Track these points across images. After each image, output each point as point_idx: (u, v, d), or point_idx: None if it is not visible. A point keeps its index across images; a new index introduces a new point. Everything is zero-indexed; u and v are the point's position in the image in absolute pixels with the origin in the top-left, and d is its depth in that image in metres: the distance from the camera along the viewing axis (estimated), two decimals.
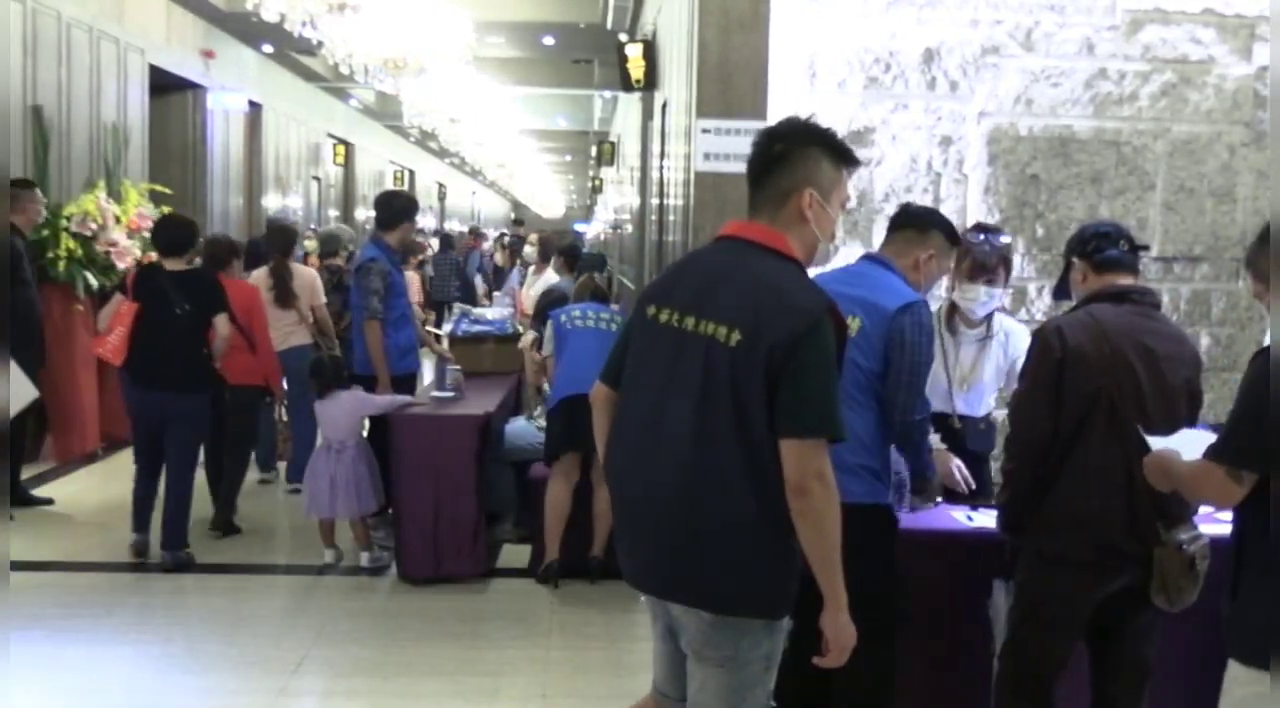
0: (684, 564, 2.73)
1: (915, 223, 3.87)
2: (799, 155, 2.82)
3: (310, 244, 10.62)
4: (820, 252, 2.93)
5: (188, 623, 5.57)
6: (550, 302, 7.41)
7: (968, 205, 5.65)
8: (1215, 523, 3.53)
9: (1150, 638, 3.55)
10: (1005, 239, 4.48)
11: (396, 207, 6.93)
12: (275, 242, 8.12)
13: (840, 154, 2.85)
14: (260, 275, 7.87)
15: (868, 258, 3.89)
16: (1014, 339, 4.55)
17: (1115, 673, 3.59)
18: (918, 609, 3.79)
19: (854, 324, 3.48)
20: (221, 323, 6.26)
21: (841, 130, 5.62)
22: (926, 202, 5.63)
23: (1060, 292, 3.78)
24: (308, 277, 8.17)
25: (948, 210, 5.63)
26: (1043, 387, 3.42)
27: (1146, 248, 3.81)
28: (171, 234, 6.49)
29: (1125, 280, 3.56)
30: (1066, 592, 3.42)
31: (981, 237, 4.42)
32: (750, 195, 2.86)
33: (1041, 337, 3.50)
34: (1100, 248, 3.58)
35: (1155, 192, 5.69)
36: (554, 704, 4.63)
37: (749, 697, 2.80)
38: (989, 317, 4.54)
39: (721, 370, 2.66)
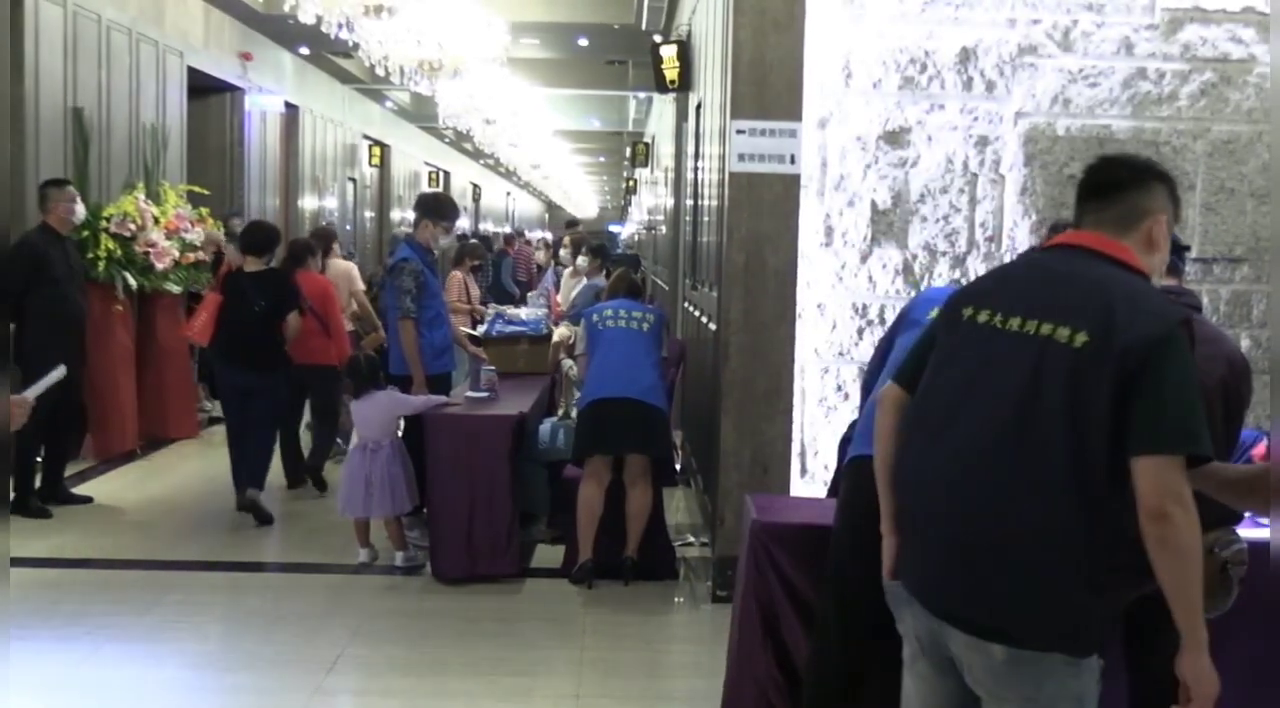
0: (979, 587, 2.48)
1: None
2: (1153, 184, 2.73)
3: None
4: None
5: (224, 621, 5.61)
6: (588, 301, 7.43)
7: (1004, 206, 5.61)
8: (1255, 527, 3.48)
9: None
10: None
11: (419, 205, 7.13)
12: (319, 242, 9.01)
13: (1177, 202, 2.75)
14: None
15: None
16: None
17: (1151, 680, 3.55)
18: None
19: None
20: (292, 319, 7.33)
21: (876, 131, 5.62)
22: (962, 203, 5.60)
23: None
24: (342, 268, 8.99)
25: (984, 211, 5.61)
26: None
27: (1188, 249, 3.77)
28: (254, 237, 7.55)
29: (1166, 282, 3.53)
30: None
31: None
32: (1088, 210, 2.73)
33: None
34: None
35: (1195, 192, 5.63)
36: (587, 705, 4.63)
37: None
38: None
39: (1057, 374, 2.43)
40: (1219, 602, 3.31)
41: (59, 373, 3.65)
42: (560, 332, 7.62)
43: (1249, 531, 3.42)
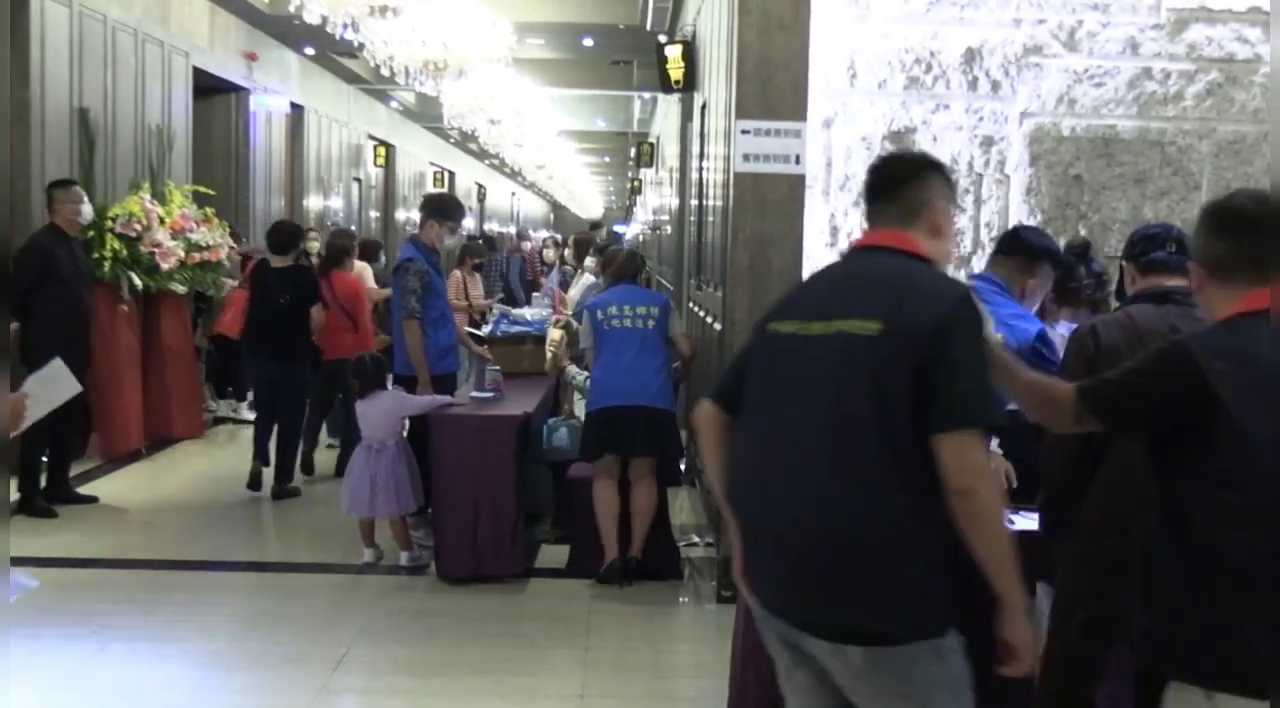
0: (826, 591, 2.49)
1: (1025, 251, 3.98)
2: (928, 174, 2.80)
3: (314, 244, 10.91)
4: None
5: (230, 620, 5.62)
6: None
7: (1009, 206, 5.61)
8: None
9: None
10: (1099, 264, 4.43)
11: (424, 205, 7.16)
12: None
13: (953, 187, 2.84)
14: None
15: (984, 279, 4.00)
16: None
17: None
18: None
19: (998, 339, 3.54)
20: (316, 312, 7.89)
21: (881, 131, 5.62)
22: (967, 202, 5.60)
23: (1120, 295, 3.77)
24: (358, 269, 9.31)
25: (989, 211, 5.61)
26: None
27: None
28: (280, 236, 8.18)
29: (1171, 281, 3.52)
30: (1101, 594, 3.39)
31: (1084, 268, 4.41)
32: (875, 210, 2.79)
33: (1077, 337, 3.50)
34: (1146, 250, 3.57)
35: (1200, 192, 5.62)
36: (592, 705, 4.63)
37: None
38: None
39: (860, 366, 2.48)
40: None
41: (55, 365, 3.66)
42: (553, 334, 7.60)
43: None
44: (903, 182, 2.76)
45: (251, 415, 10.69)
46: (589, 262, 9.87)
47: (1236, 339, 2.52)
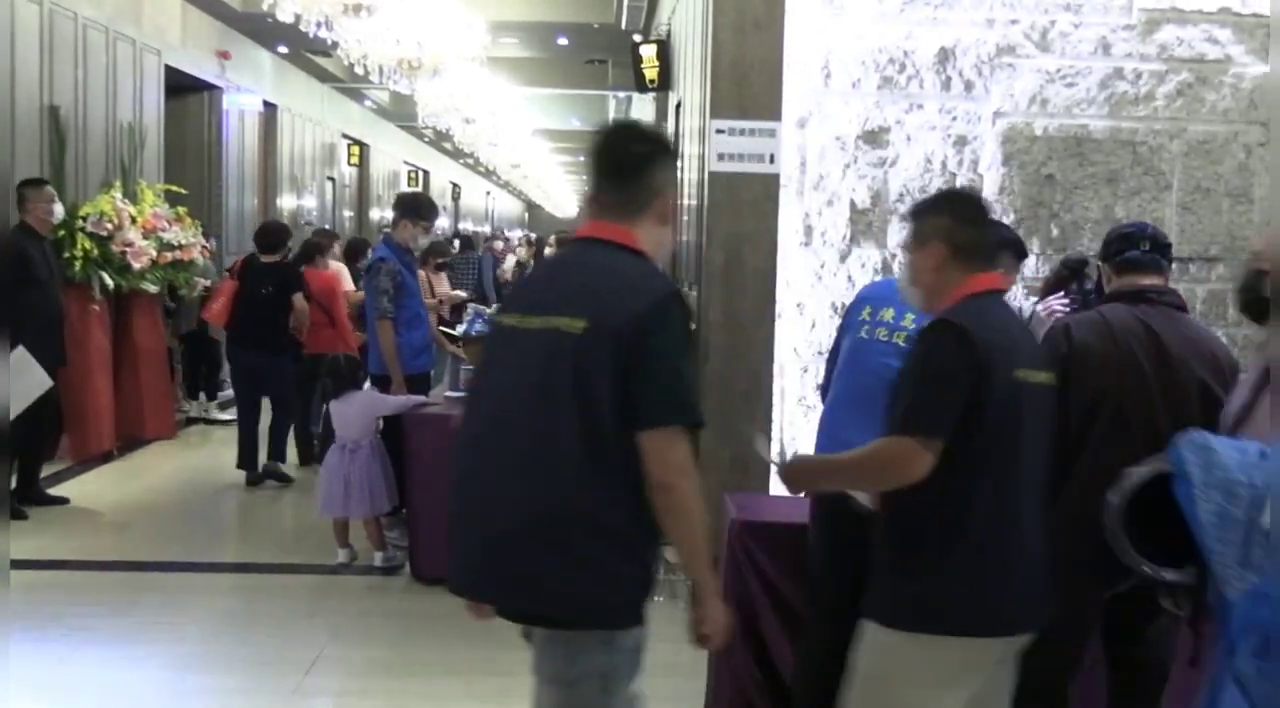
0: (516, 573, 2.59)
1: None
2: (662, 159, 2.81)
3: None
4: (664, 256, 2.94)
5: (202, 622, 5.59)
6: None
7: None
8: None
9: (1165, 641, 3.53)
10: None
11: (398, 205, 7.14)
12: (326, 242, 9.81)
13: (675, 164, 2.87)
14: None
15: None
16: None
17: (1130, 675, 3.58)
18: None
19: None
20: (297, 300, 8.29)
21: (856, 130, 5.63)
22: None
23: (1098, 295, 3.80)
24: (334, 269, 9.47)
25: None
26: None
27: (1170, 247, 3.78)
28: (268, 235, 8.69)
29: (1147, 281, 3.55)
30: (1073, 591, 3.40)
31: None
32: (601, 193, 2.78)
33: (1051, 336, 3.51)
34: (1121, 250, 3.59)
35: (1171, 192, 5.66)
36: None
37: None
38: None
39: (566, 361, 2.54)
40: (1184, 604, 3.33)
41: (19, 355, 3.63)
42: None
43: None
44: (636, 170, 2.76)
45: (224, 416, 10.68)
46: None
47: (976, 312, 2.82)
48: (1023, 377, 2.76)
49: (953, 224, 2.92)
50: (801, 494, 3.29)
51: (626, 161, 2.76)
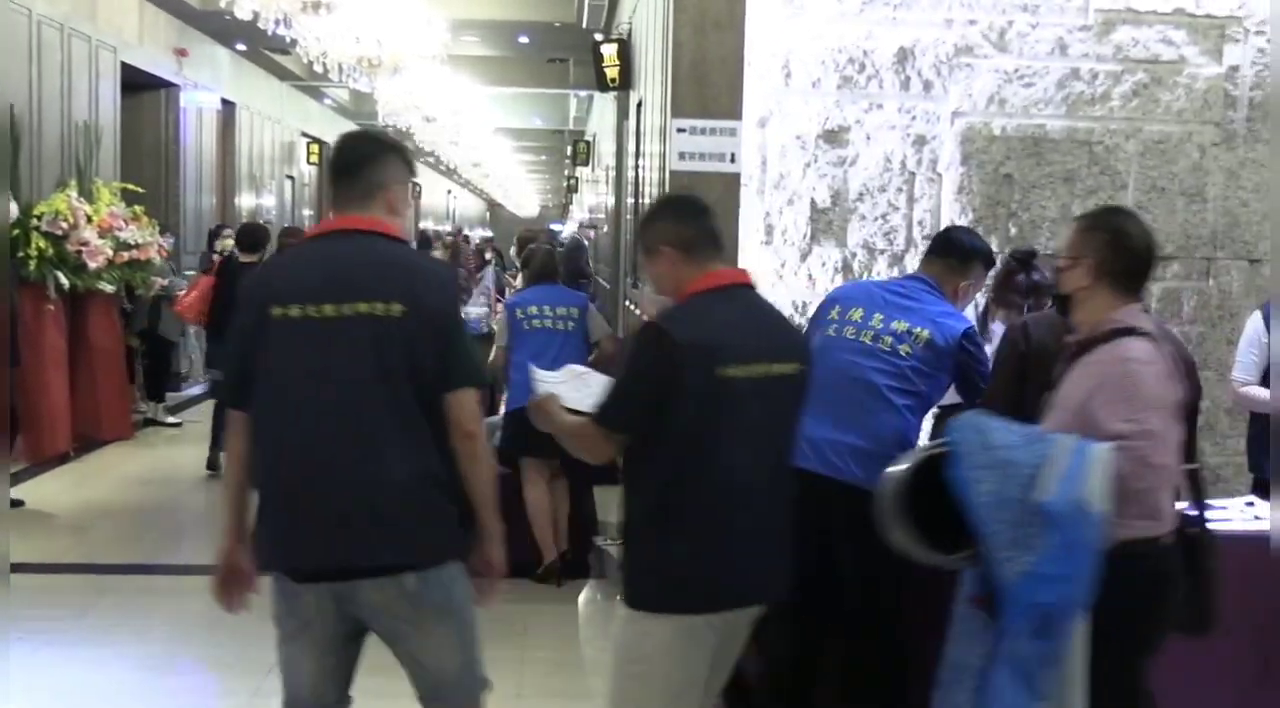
0: (378, 534, 2.90)
1: (957, 253, 4.05)
2: (387, 156, 3.13)
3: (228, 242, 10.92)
4: None
5: (163, 624, 5.54)
6: None
7: (941, 205, 5.67)
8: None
9: None
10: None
11: None
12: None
13: (412, 168, 3.22)
14: None
15: (916, 279, 4.08)
16: None
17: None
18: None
19: (924, 334, 3.79)
20: None
21: (816, 130, 5.66)
22: (900, 201, 5.65)
23: (1056, 294, 3.84)
24: None
25: (921, 210, 5.67)
26: (1007, 382, 3.47)
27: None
28: (249, 236, 8.97)
29: None
30: None
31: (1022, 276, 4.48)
32: (339, 191, 3.12)
33: (1009, 335, 3.56)
34: None
35: (1127, 191, 5.72)
36: (530, 703, 4.63)
37: (476, 647, 3.10)
38: None
39: (393, 343, 2.88)
40: None
41: None
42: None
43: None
44: (362, 166, 3.08)
45: (171, 418, 10.66)
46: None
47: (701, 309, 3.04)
48: (731, 373, 2.94)
49: (674, 225, 3.17)
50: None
51: (354, 160, 3.11)
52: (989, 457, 2.80)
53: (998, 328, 4.37)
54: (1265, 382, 4.43)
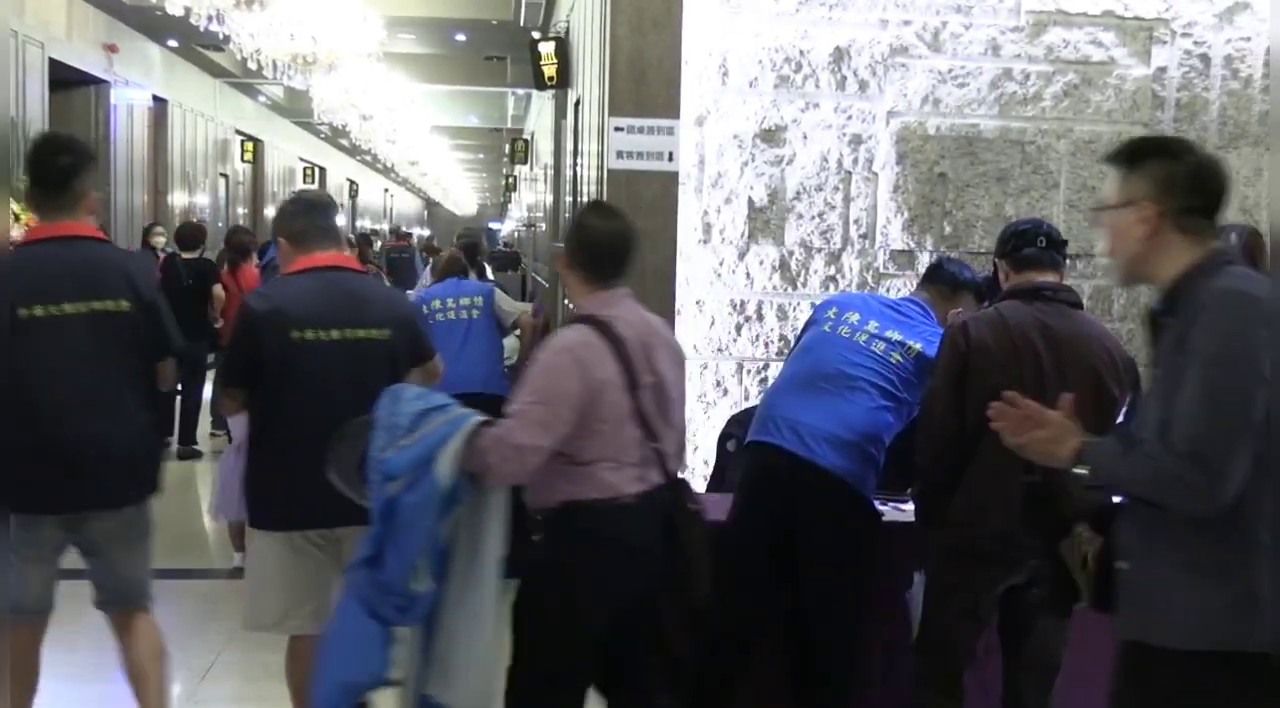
0: (130, 473, 3.83)
1: (948, 281, 4.20)
2: (86, 168, 3.87)
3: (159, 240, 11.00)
4: None
5: (92, 630, 5.42)
6: None
7: (877, 204, 5.72)
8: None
9: (1061, 635, 3.61)
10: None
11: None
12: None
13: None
14: None
15: (911, 301, 4.24)
16: None
17: (1024, 667, 3.66)
18: None
19: (915, 347, 3.96)
20: (216, 290, 9.22)
21: (753, 128, 5.68)
22: (837, 201, 5.69)
23: (994, 292, 3.88)
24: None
25: (858, 209, 5.71)
26: (948, 382, 3.50)
27: (1065, 243, 3.88)
28: (189, 234, 9.75)
29: (1043, 277, 3.63)
30: (970, 583, 3.48)
31: None
32: (45, 201, 3.77)
33: (949, 334, 3.59)
34: (1017, 246, 3.67)
35: (1059, 190, 5.80)
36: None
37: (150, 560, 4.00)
38: None
39: (123, 333, 3.67)
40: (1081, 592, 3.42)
41: None
42: None
43: None
44: (69, 175, 3.68)
45: None
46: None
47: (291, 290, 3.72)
48: (307, 336, 3.61)
49: (288, 220, 3.86)
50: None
51: (62, 171, 3.67)
52: (388, 418, 3.15)
53: None
54: None
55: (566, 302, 9.06)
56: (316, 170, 27.63)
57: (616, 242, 3.42)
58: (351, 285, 3.73)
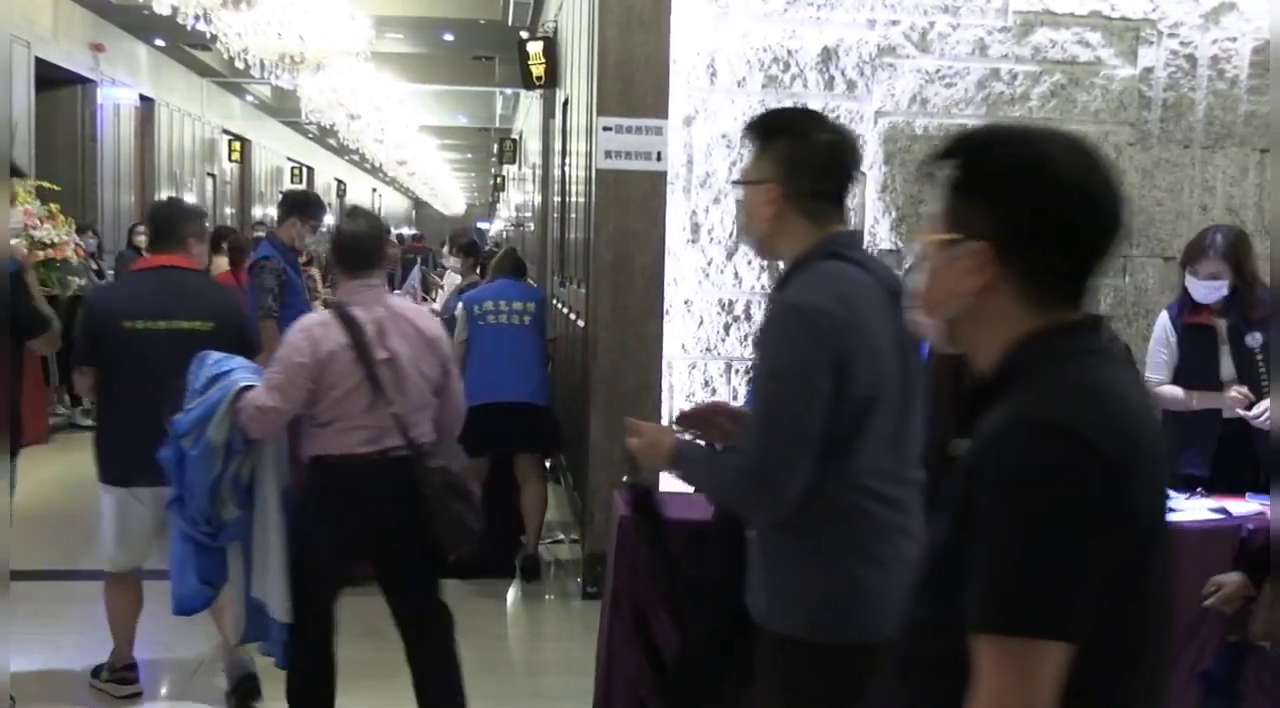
0: None
1: None
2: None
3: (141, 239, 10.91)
4: None
5: (81, 631, 5.43)
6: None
7: (865, 203, 5.73)
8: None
9: None
10: None
11: (284, 202, 6.98)
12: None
13: None
14: None
15: None
16: None
17: None
18: None
19: None
20: None
21: (741, 128, 5.68)
22: None
23: None
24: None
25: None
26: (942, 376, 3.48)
27: None
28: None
29: None
30: None
31: None
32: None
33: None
34: None
35: None
36: None
37: None
38: None
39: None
40: None
41: None
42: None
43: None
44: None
45: (87, 421, 10.54)
46: (452, 260, 9.76)
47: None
48: (137, 326, 4.27)
49: (146, 221, 4.35)
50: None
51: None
52: (191, 383, 3.82)
53: None
54: (1176, 380, 4.52)
55: (557, 303, 9.06)
56: (304, 170, 27.58)
57: (360, 240, 3.91)
58: (182, 283, 4.43)
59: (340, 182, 33.82)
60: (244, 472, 3.82)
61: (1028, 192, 1.55)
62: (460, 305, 6.42)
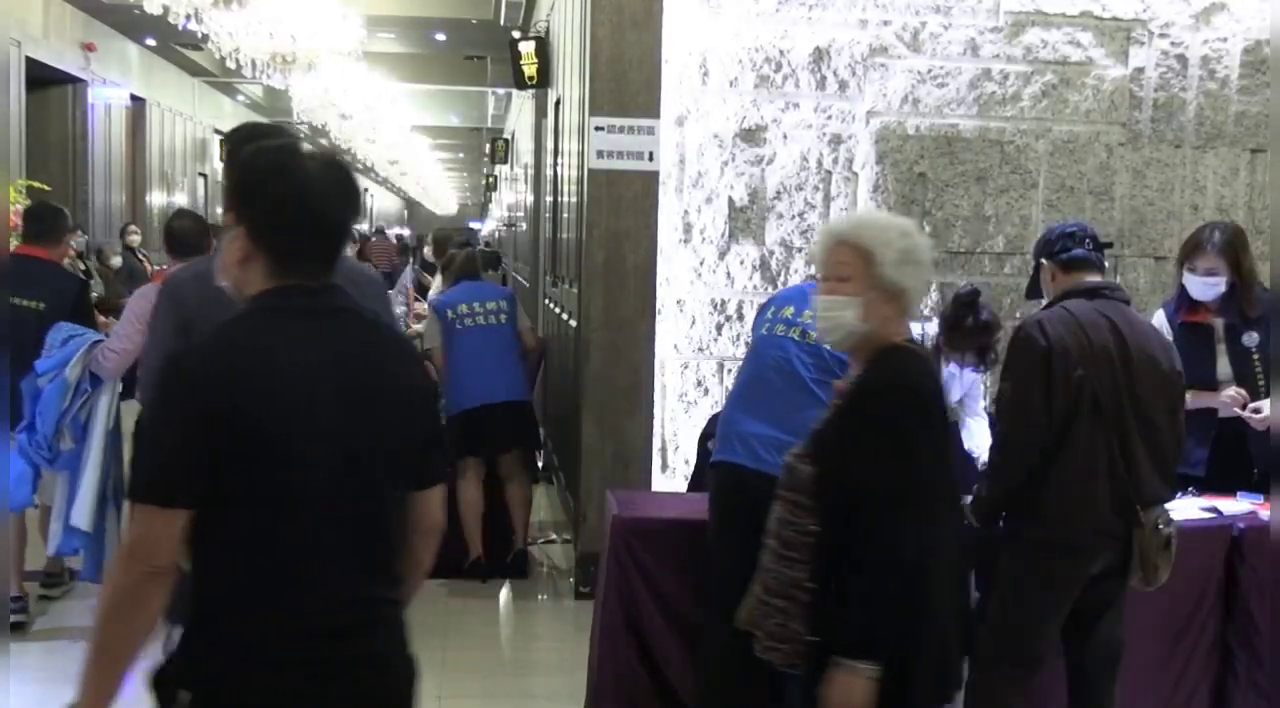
0: None
1: None
2: None
3: (135, 238, 10.92)
4: None
5: (69, 634, 5.42)
6: None
7: (857, 203, 5.73)
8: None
9: (1121, 618, 3.62)
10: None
11: None
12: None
13: None
14: None
15: None
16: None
17: (1092, 653, 3.64)
18: None
19: None
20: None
21: (733, 128, 5.69)
22: (817, 200, 5.70)
23: (1032, 292, 3.86)
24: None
25: (837, 208, 5.72)
26: (1034, 380, 3.45)
27: (1110, 245, 3.90)
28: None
29: (1093, 277, 3.63)
30: (1061, 575, 3.46)
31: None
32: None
33: (1024, 333, 3.52)
34: (1066, 247, 3.66)
35: (1037, 190, 5.82)
36: (450, 706, 4.59)
37: None
38: None
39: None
40: (1163, 572, 3.45)
41: None
42: (416, 329, 7.52)
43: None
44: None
45: None
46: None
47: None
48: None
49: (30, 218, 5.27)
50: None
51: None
52: (50, 340, 4.87)
53: (951, 371, 4.35)
54: None
55: (549, 303, 9.05)
56: None
57: (186, 233, 4.93)
58: (25, 268, 5.05)
59: None
60: (82, 413, 4.92)
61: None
62: (431, 311, 6.41)
